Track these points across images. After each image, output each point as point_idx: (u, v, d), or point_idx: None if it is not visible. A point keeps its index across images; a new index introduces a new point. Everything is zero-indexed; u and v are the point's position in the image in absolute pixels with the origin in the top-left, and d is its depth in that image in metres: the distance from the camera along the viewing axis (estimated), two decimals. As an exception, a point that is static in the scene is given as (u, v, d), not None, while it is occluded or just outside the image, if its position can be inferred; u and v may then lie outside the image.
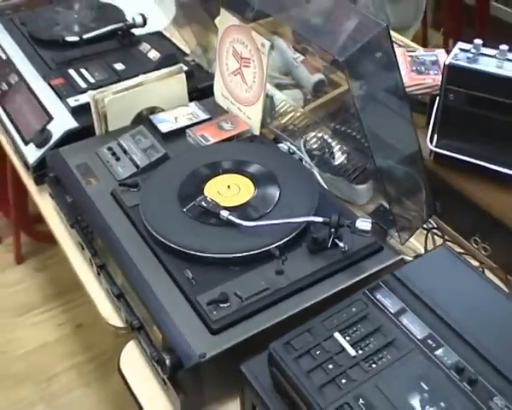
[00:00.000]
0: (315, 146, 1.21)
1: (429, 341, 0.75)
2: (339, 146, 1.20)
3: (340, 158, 1.19)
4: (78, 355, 1.98)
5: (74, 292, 2.08)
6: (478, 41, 1.03)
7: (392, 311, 0.79)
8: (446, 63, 1.02)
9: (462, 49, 1.04)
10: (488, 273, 1.07)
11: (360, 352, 0.74)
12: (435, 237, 1.11)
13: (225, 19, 1.21)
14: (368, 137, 0.90)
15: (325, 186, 1.12)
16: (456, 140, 1.07)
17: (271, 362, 0.76)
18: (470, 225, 1.09)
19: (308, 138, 1.22)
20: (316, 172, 1.16)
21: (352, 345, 0.75)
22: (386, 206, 1.03)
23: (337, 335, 0.76)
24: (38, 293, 2.17)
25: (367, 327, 0.77)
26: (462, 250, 1.10)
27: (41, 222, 2.25)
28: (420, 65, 1.21)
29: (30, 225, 2.29)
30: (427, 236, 1.09)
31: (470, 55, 1.02)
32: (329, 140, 1.21)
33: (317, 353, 0.75)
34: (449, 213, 1.11)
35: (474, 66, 1.01)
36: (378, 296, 0.81)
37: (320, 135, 1.22)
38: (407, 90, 1.18)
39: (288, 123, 1.28)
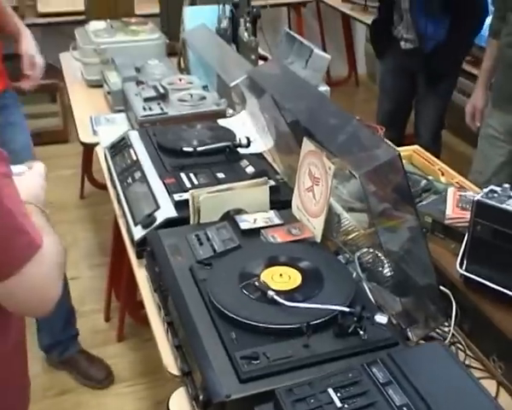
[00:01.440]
0: (367, 258, 1.41)
1: (404, 408, 0.91)
2: (387, 263, 1.39)
3: (386, 272, 1.38)
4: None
5: (160, 373, 2.31)
6: (506, 185, 1.22)
7: (381, 381, 0.95)
8: (475, 200, 1.21)
9: (491, 190, 1.23)
10: (503, 392, 1.19)
11: (346, 406, 0.91)
12: (458, 350, 1.25)
13: (306, 145, 1.48)
14: (385, 252, 1.10)
15: (368, 291, 1.31)
16: (483, 267, 1.23)
17: (275, 403, 0.94)
18: (490, 345, 1.22)
19: (363, 252, 1.42)
20: (363, 279, 1.35)
21: (340, 400, 0.92)
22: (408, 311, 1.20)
23: (330, 390, 0.94)
24: (129, 369, 2.43)
25: (356, 389, 0.94)
26: (481, 366, 1.23)
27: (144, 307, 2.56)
28: (465, 203, 1.39)
29: (135, 309, 2.59)
30: (450, 347, 1.24)
31: (497, 195, 1.21)
32: (381, 256, 1.40)
33: (311, 401, 0.93)
34: (472, 330, 1.25)
35: (499, 204, 1.19)
36: (373, 370, 0.98)
37: (372, 250, 1.41)
38: (450, 221, 1.38)
39: (349, 239, 1.49)
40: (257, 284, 1.22)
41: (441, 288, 1.27)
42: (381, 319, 1.11)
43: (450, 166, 1.88)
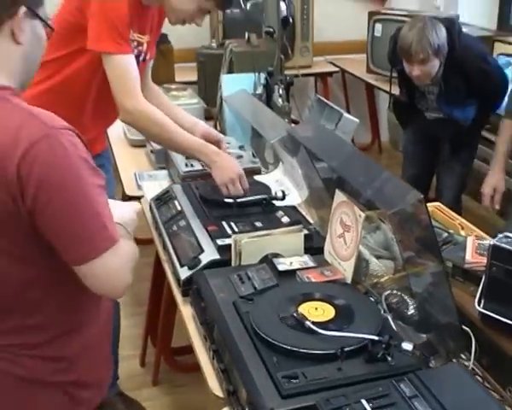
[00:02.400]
0: (393, 299, 1.55)
1: (429, 416, 1.04)
2: (412, 304, 1.53)
3: (411, 312, 1.52)
4: None
5: (193, 415, 2.44)
6: (519, 232, 1.37)
7: (408, 395, 1.09)
8: (491, 244, 1.36)
9: (506, 236, 1.38)
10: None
11: (377, 414, 1.05)
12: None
13: (338, 197, 1.65)
14: (411, 294, 1.24)
15: (394, 326, 1.45)
16: (499, 304, 1.37)
17: (314, 411, 1.08)
18: (506, 377, 1.34)
19: (389, 294, 1.57)
20: (390, 318, 1.49)
21: (371, 409, 1.06)
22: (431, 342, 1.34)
23: (364, 401, 1.08)
24: (162, 412, 2.57)
25: (386, 401, 1.08)
26: (498, 397, 1.35)
27: (179, 354, 2.70)
28: (483, 249, 1.54)
29: (170, 356, 2.72)
30: (469, 378, 1.36)
31: (511, 240, 1.35)
32: (406, 297, 1.55)
33: (347, 409, 1.06)
34: (490, 363, 1.38)
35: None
36: (401, 385, 1.11)
37: (398, 293, 1.56)
38: (469, 266, 1.52)
39: (377, 282, 1.64)
40: (295, 315, 1.37)
41: (461, 326, 1.41)
42: (407, 346, 1.26)
43: (471, 228, 2.01)
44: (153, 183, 2.47)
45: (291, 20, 2.85)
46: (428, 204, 2.18)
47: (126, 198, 2.52)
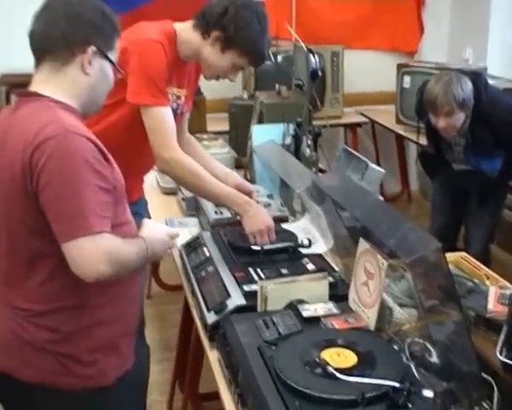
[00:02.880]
0: (416, 348, 1.57)
1: None
2: (434, 352, 1.55)
3: (433, 360, 1.53)
4: None
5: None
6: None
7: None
8: (511, 293, 1.38)
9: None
10: None
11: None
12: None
13: (362, 245, 1.69)
14: (433, 342, 1.27)
15: (416, 373, 1.46)
16: (520, 355, 1.38)
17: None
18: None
19: (412, 342, 1.59)
20: (412, 365, 1.51)
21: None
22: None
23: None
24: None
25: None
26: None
27: (206, 400, 2.72)
28: (505, 299, 1.56)
29: (197, 402, 2.75)
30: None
31: (532, 291, 1.37)
32: (428, 346, 1.56)
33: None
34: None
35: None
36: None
37: (421, 341, 1.58)
38: (491, 315, 1.54)
39: (400, 330, 1.66)
40: (318, 360, 1.40)
41: (483, 375, 1.42)
42: (429, 393, 1.27)
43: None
44: (183, 230, 2.53)
45: (320, 72, 2.92)
46: (454, 254, 2.21)
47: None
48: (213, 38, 2.12)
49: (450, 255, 2.21)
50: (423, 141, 3.42)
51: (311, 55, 2.91)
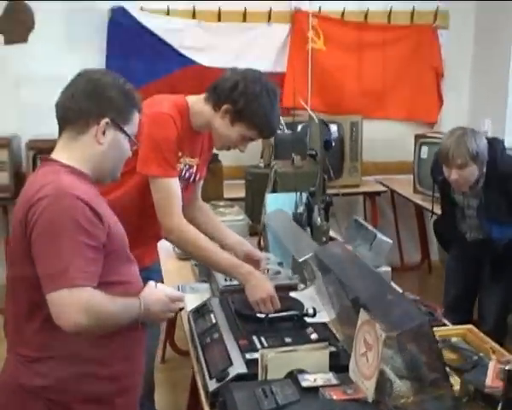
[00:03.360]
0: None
1: None
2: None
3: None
4: None
5: None
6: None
7: None
8: (507, 369, 1.38)
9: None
10: None
11: None
12: None
13: (362, 316, 1.70)
14: None
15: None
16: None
17: None
18: None
19: None
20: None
21: None
22: None
23: None
24: None
25: None
26: None
27: None
28: (504, 374, 1.55)
29: None
30: None
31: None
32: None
33: None
34: None
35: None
36: None
37: None
38: (489, 390, 1.53)
39: (400, 403, 1.65)
40: (311, 432, 1.41)
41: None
42: None
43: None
44: (194, 295, 2.57)
45: (333, 143, 2.99)
46: (462, 327, 2.21)
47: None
48: (223, 110, 2.20)
49: (458, 328, 2.21)
50: (437, 209, 3.44)
51: (325, 126, 2.99)
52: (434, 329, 2.11)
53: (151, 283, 1.80)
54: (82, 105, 1.69)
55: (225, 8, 4.75)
